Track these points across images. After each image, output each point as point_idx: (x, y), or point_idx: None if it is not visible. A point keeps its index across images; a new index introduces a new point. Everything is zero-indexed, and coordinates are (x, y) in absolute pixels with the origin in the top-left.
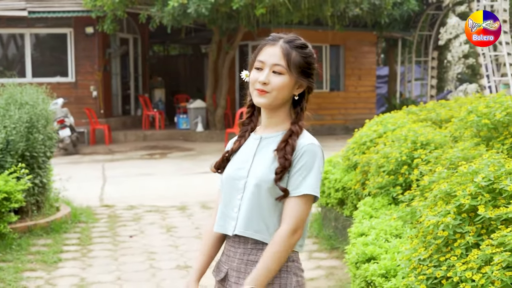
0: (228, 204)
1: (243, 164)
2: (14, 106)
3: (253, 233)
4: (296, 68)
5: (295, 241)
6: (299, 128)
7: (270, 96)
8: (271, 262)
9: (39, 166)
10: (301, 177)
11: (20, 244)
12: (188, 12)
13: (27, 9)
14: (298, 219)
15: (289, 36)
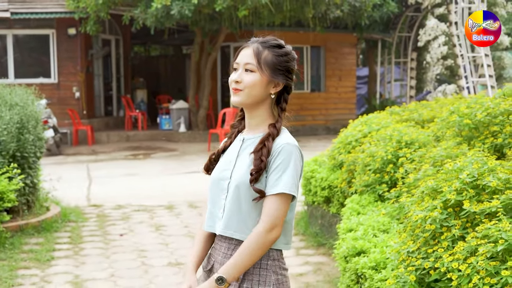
0: (215, 204)
1: (228, 165)
2: (5, 107)
3: (232, 233)
4: (267, 66)
5: (271, 238)
6: (276, 130)
7: (243, 94)
8: (243, 256)
9: (29, 166)
10: (277, 176)
11: (12, 243)
12: (171, 13)
13: (9, 10)
14: (274, 217)
15: (265, 38)
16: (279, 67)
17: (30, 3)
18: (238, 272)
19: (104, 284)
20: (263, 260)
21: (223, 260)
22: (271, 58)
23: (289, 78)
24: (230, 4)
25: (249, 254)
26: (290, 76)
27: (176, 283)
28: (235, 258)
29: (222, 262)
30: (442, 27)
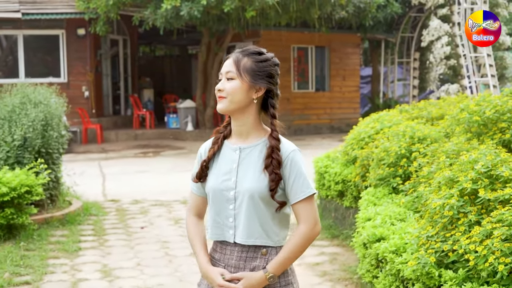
0: (220, 213)
1: (228, 176)
2: (30, 105)
3: (254, 240)
4: (246, 72)
5: (316, 233)
6: (277, 141)
7: (226, 101)
8: (291, 255)
9: (53, 162)
10: (299, 182)
11: (40, 234)
12: (180, 14)
13: (20, 11)
14: (314, 215)
15: (246, 47)
16: (258, 73)
17: (40, 4)
18: (284, 269)
19: (131, 272)
20: None
21: (238, 263)
22: (250, 64)
23: (270, 82)
24: (238, 5)
25: (295, 251)
26: (272, 80)
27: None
28: (283, 257)
29: (237, 266)
30: (445, 27)
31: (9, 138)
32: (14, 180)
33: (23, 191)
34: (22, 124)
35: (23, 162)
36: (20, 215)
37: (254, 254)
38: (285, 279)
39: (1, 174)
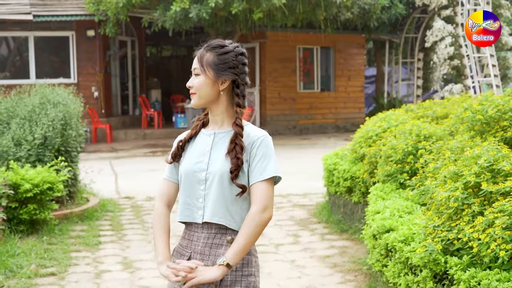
0: (191, 195)
1: (201, 158)
2: (49, 105)
3: (219, 219)
4: (209, 66)
5: (266, 218)
6: (240, 127)
7: (196, 97)
8: (245, 241)
9: (71, 160)
10: (264, 163)
11: (61, 229)
12: (189, 16)
13: (31, 13)
14: (266, 198)
15: (210, 41)
16: (220, 65)
17: (51, 6)
18: (241, 257)
19: (151, 264)
20: None
21: (203, 250)
22: (212, 58)
23: (234, 73)
24: (245, 7)
25: (248, 236)
26: (235, 71)
27: None
28: (238, 244)
29: (203, 252)
30: (448, 28)
31: (30, 137)
32: (36, 177)
33: (45, 188)
34: (42, 124)
35: (43, 160)
36: (42, 211)
37: (220, 241)
38: (248, 269)
39: (24, 171)
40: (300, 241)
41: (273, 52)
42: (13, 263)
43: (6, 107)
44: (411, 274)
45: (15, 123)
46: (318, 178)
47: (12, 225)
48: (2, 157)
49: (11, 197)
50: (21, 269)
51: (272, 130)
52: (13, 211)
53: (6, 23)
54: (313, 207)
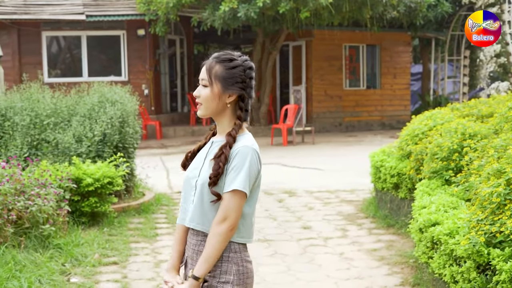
0: (186, 199)
1: (198, 165)
2: (108, 103)
3: (195, 224)
4: (217, 80)
5: (224, 229)
6: (232, 138)
7: (202, 108)
8: (207, 251)
9: (129, 156)
10: (233, 175)
11: (120, 221)
12: (238, 16)
13: (84, 13)
14: (227, 210)
15: (220, 53)
16: (229, 79)
17: (103, 6)
18: (207, 267)
19: None
20: (225, 253)
21: (193, 255)
22: (221, 72)
23: (241, 88)
24: (292, 6)
25: (208, 247)
26: (243, 85)
27: (267, 256)
28: (203, 256)
29: (192, 257)
30: None
31: (90, 134)
32: (97, 172)
33: (105, 182)
34: (101, 121)
35: (103, 155)
36: (103, 204)
37: (203, 249)
38: (225, 276)
39: (85, 166)
40: (348, 235)
41: (320, 50)
42: (78, 252)
43: (67, 105)
44: (456, 265)
45: (75, 121)
46: (364, 174)
47: (75, 217)
48: (64, 153)
49: (73, 190)
50: (85, 258)
51: (319, 127)
52: (75, 204)
53: (60, 23)
54: (360, 203)
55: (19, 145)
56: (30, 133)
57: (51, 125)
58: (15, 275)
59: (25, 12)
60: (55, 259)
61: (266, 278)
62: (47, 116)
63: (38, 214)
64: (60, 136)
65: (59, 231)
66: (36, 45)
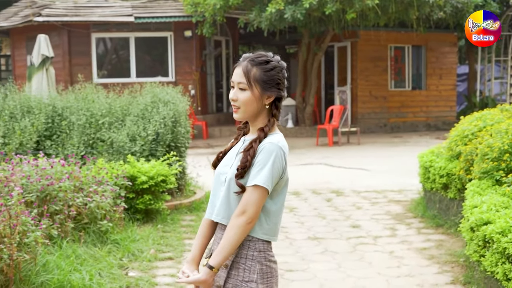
0: (215, 195)
1: (229, 161)
2: (161, 104)
3: (221, 219)
4: (257, 83)
5: (242, 222)
6: (263, 133)
7: (241, 111)
8: (224, 243)
9: (180, 155)
10: (256, 170)
11: (172, 218)
12: (284, 17)
13: (133, 15)
14: (246, 204)
15: (253, 55)
16: (268, 82)
17: (151, 8)
18: (221, 258)
19: None
20: (249, 251)
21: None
22: (260, 74)
23: (279, 89)
24: (338, 7)
25: (225, 238)
26: (280, 87)
27: (317, 253)
28: (219, 246)
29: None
30: None
31: (144, 133)
32: (151, 170)
33: (159, 180)
34: (154, 121)
35: (156, 154)
36: (156, 201)
37: None
38: (249, 275)
39: (140, 164)
40: (397, 234)
41: (365, 51)
42: (134, 248)
43: (121, 105)
44: (508, 263)
45: (129, 120)
46: (411, 175)
47: (130, 214)
48: (119, 152)
49: (128, 188)
50: (141, 253)
51: (363, 128)
52: (130, 201)
53: (109, 25)
54: (408, 203)
55: (75, 143)
56: (86, 132)
57: (106, 124)
58: (77, 268)
59: (75, 14)
60: (113, 253)
61: (318, 274)
62: (102, 116)
63: (96, 210)
64: (114, 135)
65: (116, 227)
66: (85, 46)
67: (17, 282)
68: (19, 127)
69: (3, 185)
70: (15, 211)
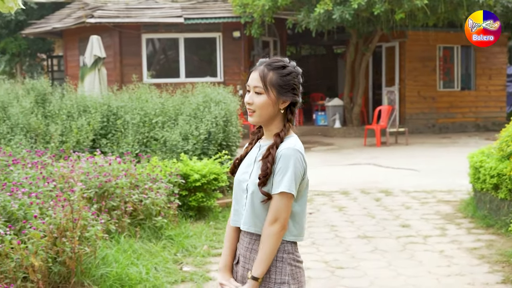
0: (238, 202)
1: (247, 168)
2: (212, 103)
3: (248, 227)
4: (273, 87)
5: (275, 230)
6: (280, 139)
7: (256, 115)
8: (263, 252)
9: (231, 153)
10: (279, 178)
11: (224, 216)
12: (332, 17)
13: (183, 16)
14: (276, 212)
15: (270, 59)
16: (284, 87)
17: (200, 9)
18: (264, 267)
19: (309, 249)
20: (278, 253)
21: (246, 253)
22: (276, 79)
23: (294, 94)
24: (387, 7)
25: (263, 248)
26: (296, 92)
27: (367, 252)
28: (258, 256)
29: (245, 255)
30: None
31: (196, 132)
32: (204, 168)
33: (211, 178)
34: (206, 120)
35: (207, 153)
36: (208, 199)
37: (256, 247)
38: (281, 277)
39: (192, 163)
40: (447, 233)
41: (413, 51)
42: (188, 244)
43: (173, 105)
44: None
45: (182, 120)
46: (461, 175)
47: (183, 211)
48: (172, 150)
49: (181, 185)
50: (195, 249)
51: (411, 128)
52: (183, 198)
53: (158, 26)
54: (458, 203)
55: (130, 142)
56: (140, 131)
57: (159, 123)
58: (134, 262)
59: (127, 16)
60: (168, 249)
61: (368, 272)
62: (155, 115)
63: (151, 206)
64: (167, 134)
65: (170, 223)
66: (136, 47)
67: (78, 274)
68: (76, 125)
69: (64, 181)
70: (77, 206)
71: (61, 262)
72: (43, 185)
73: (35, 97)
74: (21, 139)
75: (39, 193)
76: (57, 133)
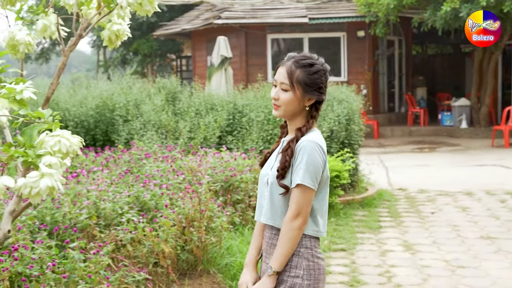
0: (261, 196)
1: (271, 163)
2: (335, 102)
3: (267, 220)
4: (299, 85)
5: (298, 224)
6: (301, 133)
7: (281, 110)
8: (282, 246)
9: (353, 152)
10: (298, 170)
11: (345, 213)
12: (460, 16)
13: (307, 16)
14: (297, 205)
15: (299, 55)
16: (310, 85)
17: (325, 9)
18: (283, 260)
19: (429, 248)
20: (296, 247)
21: (267, 248)
22: (303, 77)
23: (320, 93)
24: None
25: (283, 241)
26: (322, 90)
27: (490, 252)
28: (277, 250)
29: (266, 250)
30: None
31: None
32: None
33: (333, 175)
34: (329, 118)
35: (330, 151)
36: (330, 196)
37: (276, 242)
38: (295, 271)
39: None
40: None
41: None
42: None
43: None
44: None
45: None
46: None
47: None
48: None
49: None
50: None
51: None
52: None
53: (283, 26)
54: None
55: (254, 139)
56: (264, 128)
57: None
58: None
59: (252, 17)
60: None
61: (490, 272)
62: None
63: None
64: None
65: None
66: (261, 47)
67: (204, 262)
68: (203, 122)
69: (192, 174)
70: (204, 197)
71: (189, 250)
72: (173, 177)
73: (166, 96)
74: (153, 135)
75: (169, 185)
76: (185, 130)
